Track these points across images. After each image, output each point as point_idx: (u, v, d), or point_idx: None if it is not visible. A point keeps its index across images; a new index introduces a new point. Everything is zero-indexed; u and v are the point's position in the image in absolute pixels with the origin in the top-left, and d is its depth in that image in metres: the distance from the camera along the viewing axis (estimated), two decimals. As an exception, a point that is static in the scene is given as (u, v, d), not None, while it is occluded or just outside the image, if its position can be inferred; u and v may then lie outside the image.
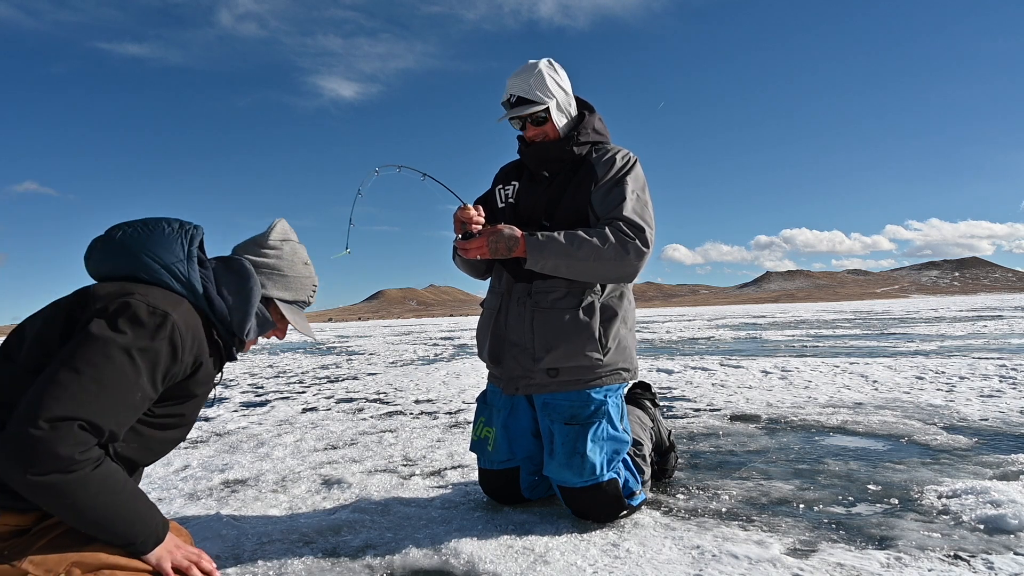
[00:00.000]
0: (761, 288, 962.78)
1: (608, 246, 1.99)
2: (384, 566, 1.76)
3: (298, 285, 1.65)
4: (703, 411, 4.12)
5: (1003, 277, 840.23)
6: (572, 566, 1.71)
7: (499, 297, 2.25)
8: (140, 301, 1.31)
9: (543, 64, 2.16)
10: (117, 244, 1.43)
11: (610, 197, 2.10)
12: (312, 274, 1.70)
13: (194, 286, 1.44)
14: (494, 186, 2.37)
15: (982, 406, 3.89)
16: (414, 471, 2.82)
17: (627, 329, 2.19)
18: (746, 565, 1.68)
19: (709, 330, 16.62)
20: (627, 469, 2.12)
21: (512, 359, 2.16)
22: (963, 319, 17.00)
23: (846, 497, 2.25)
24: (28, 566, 1.25)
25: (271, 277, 1.60)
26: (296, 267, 1.65)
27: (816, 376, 5.64)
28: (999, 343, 8.71)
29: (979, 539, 1.82)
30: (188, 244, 1.47)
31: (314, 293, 1.71)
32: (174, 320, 1.33)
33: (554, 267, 2.02)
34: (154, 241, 1.44)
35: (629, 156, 2.19)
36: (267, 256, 1.61)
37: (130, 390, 1.27)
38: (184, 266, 1.44)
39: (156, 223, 1.48)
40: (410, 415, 4.44)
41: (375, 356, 11.28)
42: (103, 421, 1.23)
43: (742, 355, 8.35)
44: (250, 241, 1.64)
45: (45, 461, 1.15)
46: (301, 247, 1.69)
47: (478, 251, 2.03)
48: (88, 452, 1.21)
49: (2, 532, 1.30)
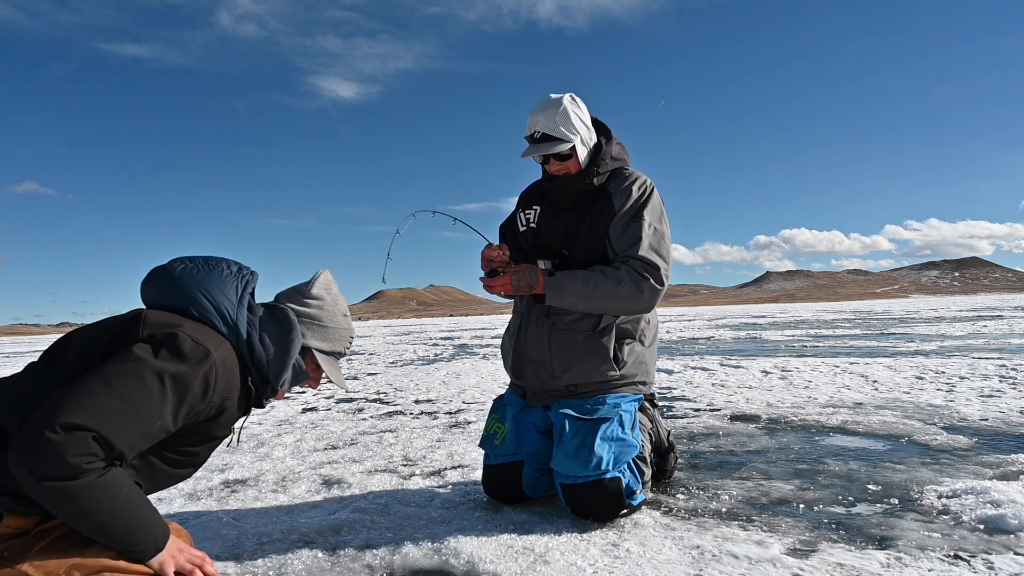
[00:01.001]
0: (761, 288, 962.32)
1: (623, 286, 2.10)
2: (384, 566, 1.76)
3: (336, 336, 1.69)
4: (703, 411, 4.12)
5: (1003, 277, 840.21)
6: (572, 566, 1.71)
7: (520, 316, 2.38)
8: (186, 334, 1.35)
9: (567, 100, 2.21)
10: (176, 278, 1.48)
11: (627, 233, 2.18)
12: (350, 326, 1.74)
13: (239, 330, 1.47)
14: (517, 209, 2.47)
15: (982, 406, 3.89)
16: (414, 471, 2.82)
17: (644, 347, 2.29)
18: (746, 565, 1.68)
19: (709, 330, 16.63)
20: (628, 470, 2.13)
21: (533, 375, 2.29)
22: (963, 319, 17.00)
23: (846, 497, 2.25)
24: (29, 568, 1.25)
25: (311, 327, 1.64)
26: (336, 318, 1.69)
27: (816, 376, 5.64)
28: (999, 343, 8.72)
29: (979, 539, 1.82)
30: (242, 289, 1.52)
31: (350, 344, 1.75)
32: (214, 359, 1.36)
33: (571, 304, 2.15)
34: (211, 281, 1.49)
35: (646, 185, 2.26)
36: (309, 306, 1.64)
37: (152, 417, 1.28)
38: (234, 310, 1.48)
39: (216, 263, 1.54)
40: (410, 415, 4.44)
41: (375, 356, 11.29)
42: (117, 439, 1.23)
43: (742, 355, 8.35)
44: (293, 290, 1.68)
45: (53, 465, 1.16)
46: (342, 299, 1.73)
47: (502, 288, 2.19)
48: (94, 464, 1.21)
49: (3, 534, 1.31)
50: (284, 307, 1.61)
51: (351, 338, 1.75)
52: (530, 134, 2.23)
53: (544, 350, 2.25)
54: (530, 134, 2.23)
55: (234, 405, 1.48)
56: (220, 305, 1.46)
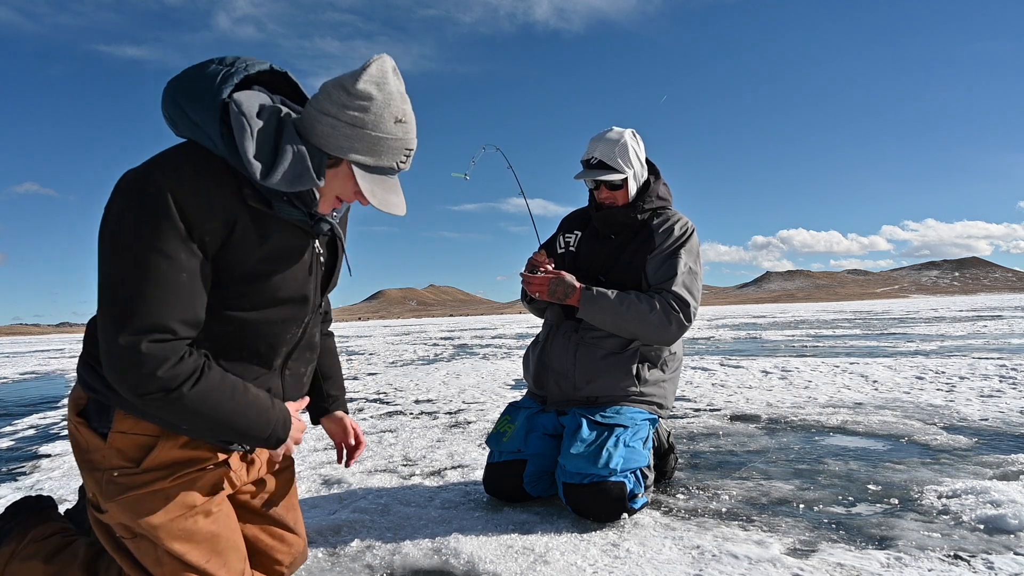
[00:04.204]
0: (761, 288, 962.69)
1: (654, 314, 2.18)
2: (384, 566, 1.76)
3: (384, 148, 1.28)
4: (703, 411, 4.12)
5: (1003, 277, 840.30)
6: (572, 566, 1.71)
7: (548, 329, 2.45)
8: (126, 176, 1.20)
9: (628, 135, 2.32)
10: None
11: (663, 268, 2.28)
12: (407, 134, 1.30)
13: (209, 131, 1.24)
14: (558, 232, 2.57)
15: (982, 406, 3.89)
16: (414, 471, 2.82)
17: (664, 373, 2.34)
18: (746, 565, 1.68)
19: (709, 330, 16.62)
20: (633, 474, 2.14)
21: (555, 384, 2.34)
22: (963, 319, 17.00)
23: (846, 497, 2.25)
24: (112, 513, 1.28)
25: (351, 133, 1.25)
26: (384, 124, 1.26)
27: (816, 376, 5.64)
28: (999, 343, 8.72)
29: (979, 539, 1.82)
30: (219, 80, 1.25)
31: (407, 159, 1.34)
32: (157, 177, 1.17)
33: (601, 321, 2.23)
34: (185, 92, 1.27)
35: (687, 227, 2.37)
36: (349, 106, 1.24)
37: (163, 275, 1.14)
38: (204, 110, 1.23)
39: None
40: (410, 415, 4.44)
41: (375, 356, 11.29)
42: (163, 319, 1.14)
43: (742, 355, 8.35)
44: (337, 83, 1.26)
45: (146, 383, 1.13)
46: (398, 97, 1.29)
47: (539, 287, 2.24)
48: (175, 367, 1.14)
49: (123, 449, 1.28)
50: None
51: (407, 151, 1.31)
52: (587, 159, 2.33)
53: (568, 362, 2.30)
54: (587, 159, 2.33)
55: (228, 224, 1.22)
56: (187, 115, 1.22)
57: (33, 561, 1.41)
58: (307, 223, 1.32)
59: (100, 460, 1.29)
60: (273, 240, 1.28)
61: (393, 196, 1.30)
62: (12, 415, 5.36)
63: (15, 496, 2.64)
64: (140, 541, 1.29)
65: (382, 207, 1.28)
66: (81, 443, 1.32)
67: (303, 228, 1.33)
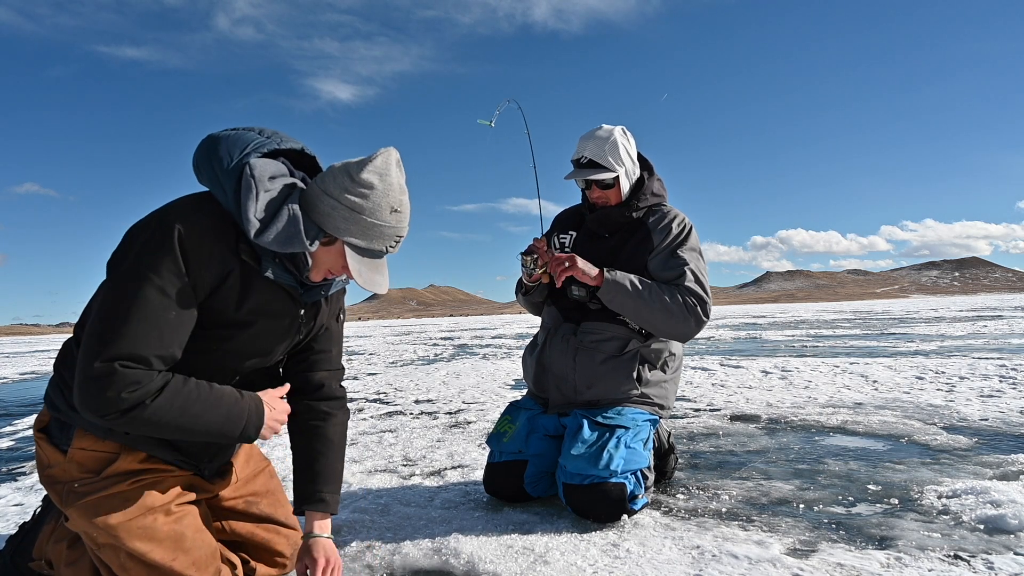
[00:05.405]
0: (761, 288, 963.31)
1: (676, 304, 2.14)
2: (384, 566, 1.76)
3: (376, 234, 1.36)
4: (703, 411, 4.12)
5: (1003, 277, 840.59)
6: (572, 566, 1.71)
7: (546, 332, 2.43)
8: (144, 219, 1.31)
9: (617, 132, 2.27)
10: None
11: (669, 266, 2.23)
12: (400, 223, 1.39)
13: (223, 187, 1.33)
14: (552, 231, 2.51)
15: (982, 406, 3.89)
16: (414, 471, 2.82)
17: (664, 375, 2.32)
18: (746, 565, 1.68)
19: (709, 330, 16.62)
20: (633, 476, 2.14)
21: (555, 388, 2.33)
22: (963, 319, 17.00)
23: (846, 497, 2.25)
24: (72, 512, 1.31)
25: (348, 216, 1.34)
26: (381, 213, 1.35)
27: (816, 376, 5.64)
28: (999, 343, 8.71)
29: (979, 539, 1.82)
30: (246, 147, 1.39)
31: (396, 245, 1.43)
32: (171, 222, 1.25)
33: (621, 304, 2.16)
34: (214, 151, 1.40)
35: (685, 223, 2.32)
36: (351, 191, 1.33)
37: (156, 311, 1.22)
38: (221, 167, 1.36)
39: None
40: (410, 415, 4.44)
41: (375, 356, 11.29)
42: (143, 350, 1.20)
43: (742, 355, 8.35)
44: (343, 169, 1.35)
45: (109, 404, 1.17)
46: (397, 189, 1.38)
47: (568, 258, 2.14)
48: (142, 389, 1.19)
49: (83, 462, 1.33)
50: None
51: (397, 238, 1.41)
52: (577, 158, 2.29)
53: (568, 366, 2.28)
54: (577, 158, 2.29)
55: (221, 274, 1.30)
56: (212, 167, 1.32)
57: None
58: (296, 289, 1.42)
59: (60, 474, 1.34)
60: (256, 297, 1.36)
61: (378, 276, 1.40)
62: (12, 415, 5.36)
63: (15, 496, 2.64)
64: (105, 550, 1.32)
65: (366, 286, 1.39)
66: (43, 458, 1.38)
67: (291, 293, 1.42)
